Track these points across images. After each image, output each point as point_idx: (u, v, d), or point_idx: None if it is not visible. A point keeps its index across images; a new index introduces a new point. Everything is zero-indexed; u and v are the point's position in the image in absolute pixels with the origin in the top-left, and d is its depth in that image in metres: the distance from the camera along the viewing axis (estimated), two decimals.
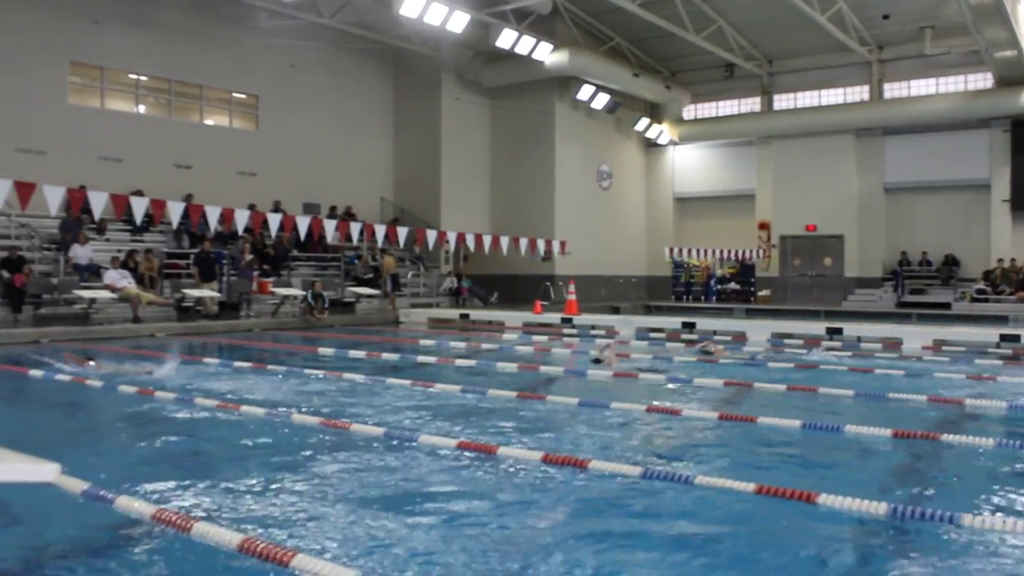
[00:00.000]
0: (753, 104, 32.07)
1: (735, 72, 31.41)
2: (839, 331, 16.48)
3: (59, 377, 10.46)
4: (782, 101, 31.51)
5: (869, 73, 29.37)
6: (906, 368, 11.77)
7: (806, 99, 31.01)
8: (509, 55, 26.54)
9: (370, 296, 22.85)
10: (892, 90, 29.32)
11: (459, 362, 12.67)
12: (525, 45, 25.81)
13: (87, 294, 17.41)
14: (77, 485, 4.90)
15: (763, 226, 31.12)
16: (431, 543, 4.23)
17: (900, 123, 28.50)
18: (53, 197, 15.27)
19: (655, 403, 8.38)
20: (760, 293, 30.56)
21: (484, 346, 15.31)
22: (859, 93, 29.86)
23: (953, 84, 28.30)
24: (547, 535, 4.40)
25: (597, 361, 11.93)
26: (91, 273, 18.62)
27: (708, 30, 27.31)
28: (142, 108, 24.07)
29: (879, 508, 4.61)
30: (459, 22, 23.73)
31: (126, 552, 4.15)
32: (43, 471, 1.99)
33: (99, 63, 22.62)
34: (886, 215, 29.62)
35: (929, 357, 13.57)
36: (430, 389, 9.53)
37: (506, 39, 25.30)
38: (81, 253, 18.85)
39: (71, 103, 22.03)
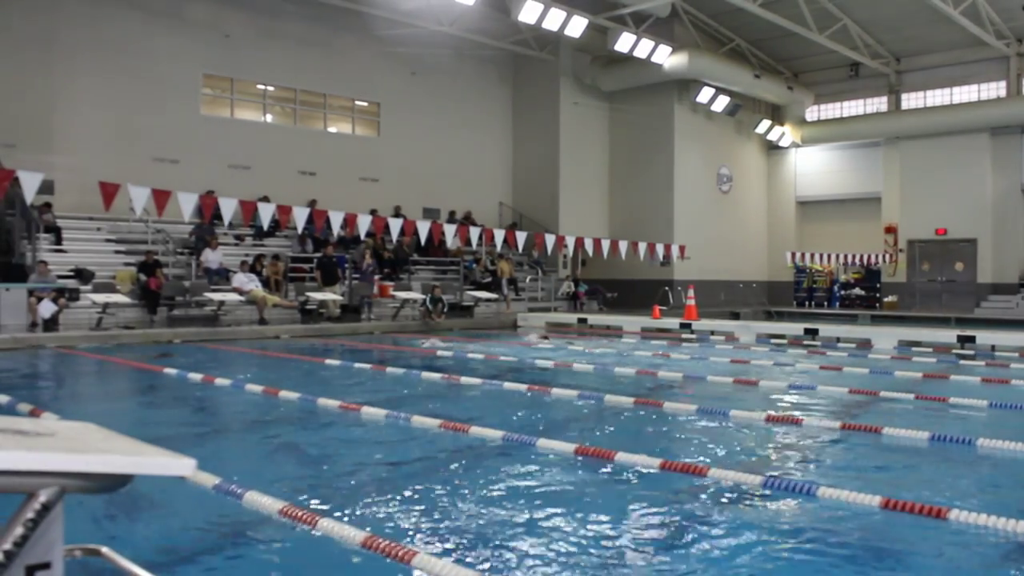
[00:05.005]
0: (880, 104, 31.03)
1: (860, 71, 30.51)
2: (971, 339, 15.76)
3: (190, 376, 10.90)
4: (911, 100, 30.39)
5: (1006, 68, 28.01)
6: None
7: (937, 97, 29.81)
8: (627, 59, 26.42)
9: (488, 300, 23.07)
10: None
11: (576, 366, 12.66)
12: (644, 48, 25.62)
13: (216, 296, 18.09)
14: (209, 480, 5.10)
15: (890, 230, 30.04)
16: (547, 547, 4.22)
17: None
18: (186, 204, 15.93)
19: (775, 411, 8.21)
20: (886, 299, 29.58)
21: (599, 351, 15.27)
22: (995, 90, 28.53)
23: None
24: (665, 541, 4.35)
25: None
26: (220, 277, 19.34)
27: (832, 28, 26.62)
28: (269, 117, 24.90)
29: (1018, 526, 4.39)
30: (577, 27, 23.76)
31: (254, 545, 4.29)
32: (180, 465, 2.07)
33: (229, 75, 23.55)
34: None
35: None
36: (547, 393, 9.56)
37: (624, 42, 25.16)
38: (212, 257, 19.61)
39: (203, 113, 22.99)
